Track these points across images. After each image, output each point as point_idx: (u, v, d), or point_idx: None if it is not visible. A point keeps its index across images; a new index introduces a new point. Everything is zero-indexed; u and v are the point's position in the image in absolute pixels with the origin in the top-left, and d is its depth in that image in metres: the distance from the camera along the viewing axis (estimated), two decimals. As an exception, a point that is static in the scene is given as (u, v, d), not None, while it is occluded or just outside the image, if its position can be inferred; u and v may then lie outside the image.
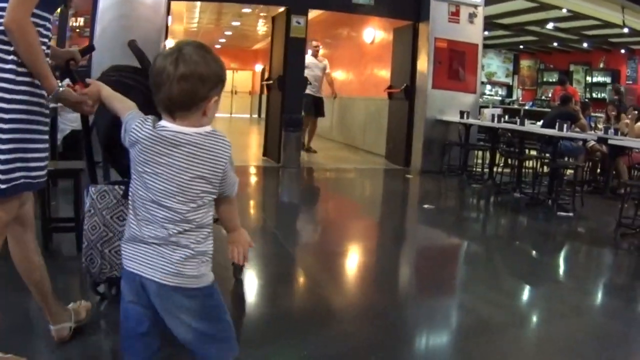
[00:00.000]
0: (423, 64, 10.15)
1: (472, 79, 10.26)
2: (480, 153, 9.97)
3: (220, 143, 1.88)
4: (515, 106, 17.84)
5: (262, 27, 23.42)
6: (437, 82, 10.06)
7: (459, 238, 6.09)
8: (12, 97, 2.32)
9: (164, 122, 1.86)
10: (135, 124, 1.89)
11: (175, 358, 2.38)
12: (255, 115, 29.64)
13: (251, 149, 12.33)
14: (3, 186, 2.31)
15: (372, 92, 12.99)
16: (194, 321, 1.89)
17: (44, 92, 2.44)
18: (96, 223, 2.93)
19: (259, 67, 29.29)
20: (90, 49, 3.31)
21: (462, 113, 9.57)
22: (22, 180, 2.37)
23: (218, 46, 28.80)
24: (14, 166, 2.34)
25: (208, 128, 1.87)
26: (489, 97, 20.21)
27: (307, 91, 11.19)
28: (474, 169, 9.78)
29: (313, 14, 17.61)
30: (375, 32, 13.34)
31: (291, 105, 10.00)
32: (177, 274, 1.85)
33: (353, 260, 5.05)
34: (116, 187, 2.99)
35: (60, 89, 2.41)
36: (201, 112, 1.85)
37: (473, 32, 10.20)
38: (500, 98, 20.41)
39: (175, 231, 1.85)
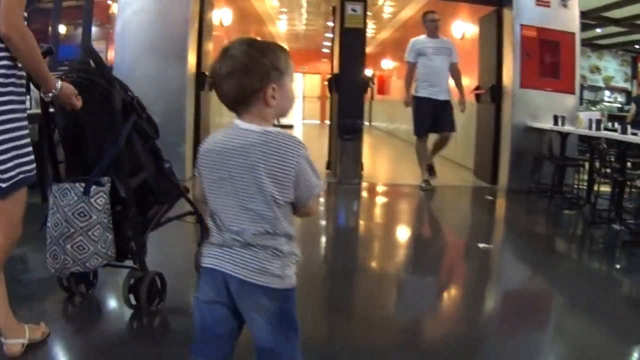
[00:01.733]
0: (508, 58, 8.39)
1: (569, 75, 8.28)
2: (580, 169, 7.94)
3: (290, 142, 1.86)
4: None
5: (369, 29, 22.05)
6: (525, 80, 8.21)
7: (520, 293, 4.40)
8: (3, 99, 2.42)
9: (235, 120, 1.91)
10: (204, 144, 1.95)
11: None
12: (367, 123, 28.28)
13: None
14: (3, 185, 2.43)
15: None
16: (262, 331, 1.90)
17: (23, 90, 2.58)
18: (58, 220, 3.02)
19: (369, 72, 27.76)
20: (48, 52, 2.99)
21: (556, 118, 7.64)
22: (20, 176, 2.50)
23: (325, 50, 27.68)
24: (12, 164, 2.45)
25: (278, 128, 1.88)
26: (607, 104, 17.71)
27: (423, 93, 8.11)
28: (575, 188, 7.77)
29: (409, 10, 16.10)
30: (464, 26, 11.49)
31: (347, 108, 8.46)
32: (261, 271, 1.87)
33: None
34: (77, 184, 3.06)
35: (58, 85, 2.61)
36: (262, 104, 1.87)
37: (568, 19, 8.33)
38: (619, 105, 17.80)
39: (260, 233, 1.87)
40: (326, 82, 9.63)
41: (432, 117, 8.06)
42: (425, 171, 8.27)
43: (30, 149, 2.57)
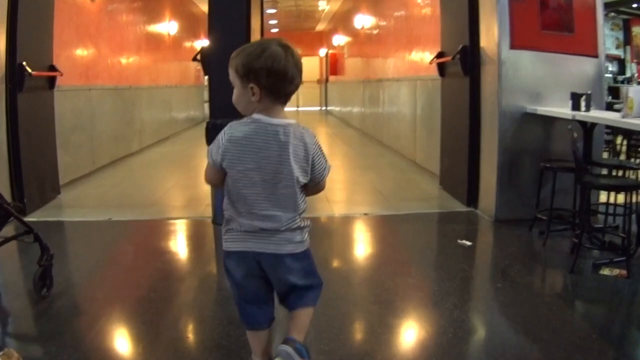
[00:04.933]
0: (489, 4, 5.00)
1: (588, 27, 5.03)
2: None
3: (305, 131, 2.16)
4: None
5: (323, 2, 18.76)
6: (519, 37, 4.93)
7: None
8: None
9: (257, 115, 2.13)
10: (230, 137, 2.12)
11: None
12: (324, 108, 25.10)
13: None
14: None
15: (422, 68, 7.93)
16: (298, 279, 2.22)
17: None
18: None
19: (323, 52, 24.44)
20: None
21: (576, 98, 4.40)
22: None
23: (274, 30, 24.27)
24: None
25: (290, 120, 2.15)
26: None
27: None
28: (609, 213, 4.61)
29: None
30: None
31: (218, 100, 5.04)
32: (289, 242, 2.16)
33: None
34: None
35: None
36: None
37: None
38: (610, 75, 14.52)
39: (288, 219, 2.15)
40: (197, 60, 5.85)
41: None
42: None
43: None
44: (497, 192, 5.03)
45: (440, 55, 6.22)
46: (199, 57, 5.37)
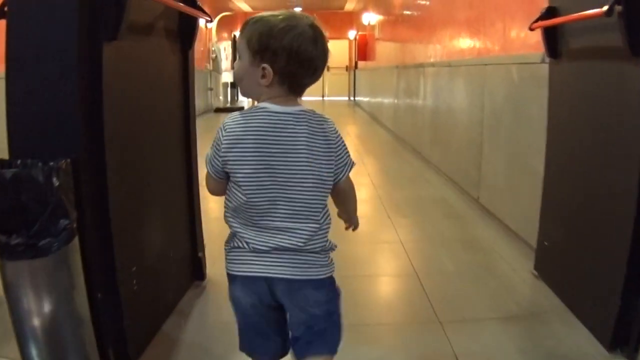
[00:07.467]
0: None
1: None
2: None
3: (323, 118, 1.72)
4: None
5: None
6: None
7: None
8: None
9: (266, 104, 1.65)
10: (229, 133, 1.63)
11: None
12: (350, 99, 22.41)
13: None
14: None
15: (515, 43, 4.71)
16: (316, 309, 1.72)
17: None
18: None
19: (353, 34, 21.69)
20: None
21: None
22: None
23: (297, 9, 21.40)
24: None
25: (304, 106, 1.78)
26: None
27: None
28: None
29: None
30: None
31: (20, 129, 1.92)
32: (311, 265, 1.69)
33: None
34: None
35: None
36: None
37: None
38: None
39: (310, 232, 1.69)
40: None
41: None
42: None
43: None
44: None
45: (549, 13, 3.05)
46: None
